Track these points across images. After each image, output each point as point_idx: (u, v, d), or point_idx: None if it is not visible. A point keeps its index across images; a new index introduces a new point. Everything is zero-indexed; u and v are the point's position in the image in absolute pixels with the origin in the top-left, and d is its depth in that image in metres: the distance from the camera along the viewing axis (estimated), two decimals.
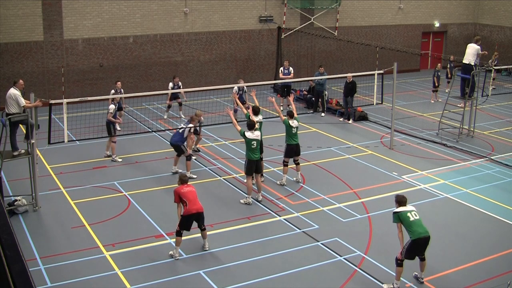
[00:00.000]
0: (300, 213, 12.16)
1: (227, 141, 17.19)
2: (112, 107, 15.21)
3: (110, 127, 15.25)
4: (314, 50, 27.25)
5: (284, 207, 12.47)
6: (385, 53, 26.08)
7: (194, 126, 14.68)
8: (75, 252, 10.33)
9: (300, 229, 11.41)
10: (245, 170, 12.67)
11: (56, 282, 9.29)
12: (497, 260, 10.37)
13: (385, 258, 10.16)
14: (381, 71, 17.59)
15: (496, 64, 25.03)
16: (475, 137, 18.12)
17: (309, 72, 26.12)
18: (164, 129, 18.28)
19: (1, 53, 20.55)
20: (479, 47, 17.56)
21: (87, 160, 15.36)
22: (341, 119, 20.18)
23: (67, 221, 11.68)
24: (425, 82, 26.82)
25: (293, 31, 26.10)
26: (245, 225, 11.62)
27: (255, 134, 12.44)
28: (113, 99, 15.69)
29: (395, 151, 16.55)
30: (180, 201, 10.08)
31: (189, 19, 23.75)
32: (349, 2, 27.48)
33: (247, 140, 12.40)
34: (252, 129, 12.42)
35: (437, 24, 30.53)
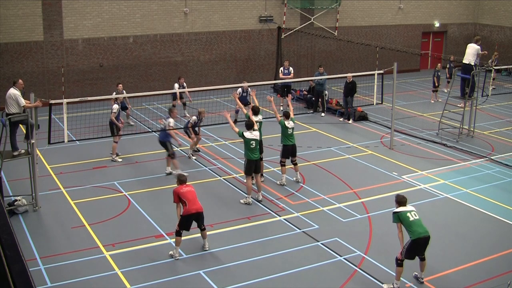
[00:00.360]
0: (300, 213, 12.16)
1: (227, 141, 17.19)
2: (115, 107, 15.28)
3: (113, 127, 15.32)
4: (314, 50, 27.25)
5: (284, 207, 12.47)
6: (385, 53, 26.08)
7: (194, 125, 14.65)
8: (75, 252, 10.33)
9: (300, 229, 11.41)
10: (244, 170, 12.66)
11: (56, 282, 9.29)
12: (497, 260, 10.37)
13: (385, 258, 10.16)
14: (381, 71, 17.57)
15: (496, 64, 25.03)
16: (475, 137, 18.12)
17: (309, 72, 26.12)
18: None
19: (1, 53, 20.55)
20: (479, 47, 17.56)
21: (87, 160, 15.37)
22: (341, 119, 20.18)
23: (67, 221, 11.68)
24: (425, 82, 26.82)
25: (293, 31, 26.10)
26: (245, 225, 11.62)
27: (253, 134, 12.44)
28: (116, 99, 15.73)
29: (395, 151, 16.55)
30: (179, 201, 10.09)
31: (189, 19, 23.75)
32: (349, 2, 27.48)
33: (246, 140, 12.40)
34: (251, 129, 12.43)
35: (437, 24, 30.53)
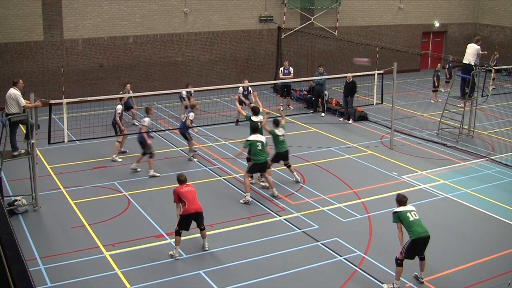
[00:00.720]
0: (300, 213, 12.15)
1: (227, 141, 17.19)
2: (119, 107, 15.29)
3: (116, 127, 15.34)
4: (314, 50, 27.25)
5: (284, 207, 12.46)
6: (385, 53, 26.06)
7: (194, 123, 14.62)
8: (75, 252, 10.33)
9: (300, 229, 11.41)
10: (247, 169, 12.67)
11: (56, 282, 9.29)
12: (497, 260, 10.37)
13: (385, 258, 10.16)
14: (381, 71, 17.59)
15: (496, 64, 25.02)
16: (475, 137, 18.11)
17: (309, 72, 26.11)
18: (164, 129, 18.27)
19: (1, 53, 20.55)
20: (479, 47, 17.55)
21: (87, 160, 15.37)
22: (341, 119, 20.18)
23: (67, 221, 11.68)
24: (425, 82, 26.80)
25: (293, 31, 26.09)
26: (245, 225, 11.62)
27: (259, 117, 13.47)
28: (121, 99, 15.72)
29: (395, 151, 16.55)
30: (179, 200, 10.09)
31: (189, 19, 23.74)
32: (349, 2, 27.48)
33: (251, 142, 12.58)
34: (257, 114, 13.51)
35: (437, 24, 30.52)
